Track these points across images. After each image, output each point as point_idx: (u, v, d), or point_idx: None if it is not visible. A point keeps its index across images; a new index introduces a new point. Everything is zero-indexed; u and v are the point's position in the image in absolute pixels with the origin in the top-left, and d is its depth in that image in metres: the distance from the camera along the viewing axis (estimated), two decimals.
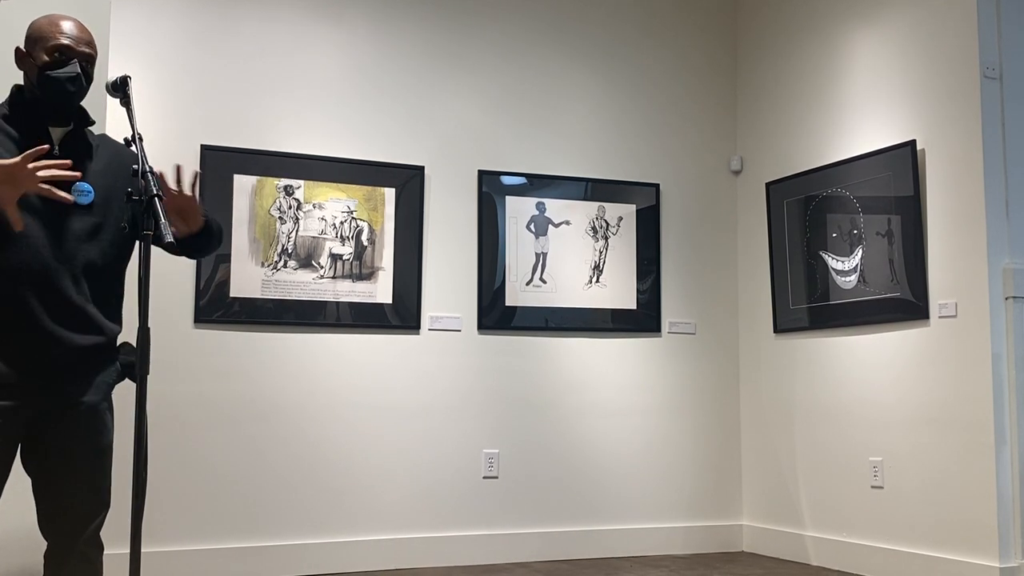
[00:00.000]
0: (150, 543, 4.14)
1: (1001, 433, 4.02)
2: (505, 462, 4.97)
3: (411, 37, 5.01)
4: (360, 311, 4.75)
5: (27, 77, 2.36)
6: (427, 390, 4.86)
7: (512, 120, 5.17)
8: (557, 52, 5.30)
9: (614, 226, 5.29)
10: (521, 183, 5.14)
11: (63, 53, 2.32)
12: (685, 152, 5.52)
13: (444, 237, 4.97)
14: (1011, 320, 4.08)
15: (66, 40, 2.33)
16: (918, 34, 4.49)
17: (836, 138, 4.93)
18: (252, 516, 4.49)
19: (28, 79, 2.35)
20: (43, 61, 2.31)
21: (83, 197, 2.35)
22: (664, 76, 5.52)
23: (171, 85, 4.54)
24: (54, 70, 2.30)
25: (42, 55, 2.31)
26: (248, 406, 4.53)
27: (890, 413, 4.50)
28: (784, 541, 5.09)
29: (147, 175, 2.26)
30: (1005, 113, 4.21)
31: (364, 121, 4.88)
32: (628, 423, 5.21)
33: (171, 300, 4.40)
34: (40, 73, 2.31)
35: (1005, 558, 3.97)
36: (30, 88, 2.35)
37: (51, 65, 2.30)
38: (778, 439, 5.20)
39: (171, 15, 4.57)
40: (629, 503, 5.17)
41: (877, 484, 4.55)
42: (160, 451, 4.20)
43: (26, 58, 2.35)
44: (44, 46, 2.32)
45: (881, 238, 4.59)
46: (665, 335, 5.35)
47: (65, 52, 2.32)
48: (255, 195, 4.61)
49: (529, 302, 5.09)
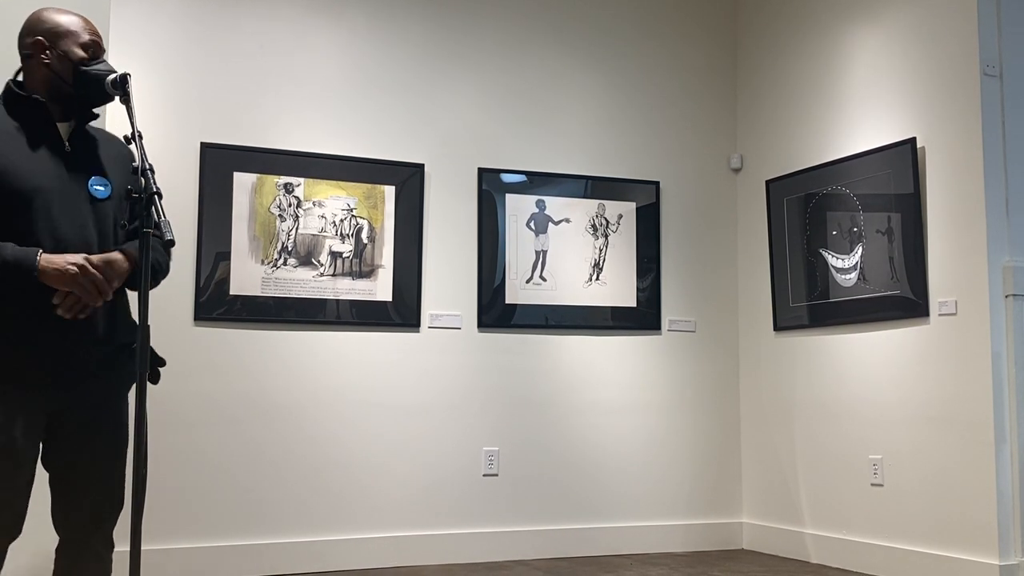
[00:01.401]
0: (150, 541, 4.14)
1: (1001, 431, 4.02)
2: (505, 460, 4.97)
3: (411, 35, 5.01)
4: (360, 309, 4.75)
5: (42, 69, 2.31)
6: (427, 388, 4.86)
7: (512, 118, 5.17)
8: (557, 50, 5.30)
9: (614, 224, 5.28)
10: (521, 181, 5.14)
11: (95, 49, 2.34)
12: (685, 150, 5.52)
13: (444, 235, 4.97)
14: (1011, 318, 4.08)
15: (96, 37, 2.36)
16: (918, 32, 4.49)
17: (836, 136, 4.93)
18: (252, 514, 4.49)
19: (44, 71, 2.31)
20: (79, 57, 2.31)
21: (102, 192, 2.35)
22: (664, 74, 5.51)
23: (171, 83, 4.54)
24: (91, 66, 2.31)
25: (77, 50, 2.31)
26: (248, 404, 4.53)
27: (890, 411, 4.50)
28: (784, 539, 5.09)
29: (146, 173, 2.25)
30: (1005, 111, 4.21)
31: (364, 119, 4.87)
32: (628, 421, 5.21)
33: (171, 298, 4.40)
34: (76, 68, 2.30)
35: (1005, 556, 3.97)
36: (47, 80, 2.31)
37: (87, 61, 2.31)
38: (778, 437, 5.20)
39: (171, 13, 4.57)
40: (629, 501, 5.17)
41: (877, 482, 4.55)
42: (160, 449, 4.19)
43: (49, 51, 2.31)
44: (77, 41, 2.32)
45: (881, 236, 4.59)
46: (665, 333, 5.35)
47: (97, 49, 2.35)
48: (255, 193, 4.61)
49: (529, 300, 5.09)
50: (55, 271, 2.15)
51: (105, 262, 2.22)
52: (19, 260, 2.14)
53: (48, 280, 2.16)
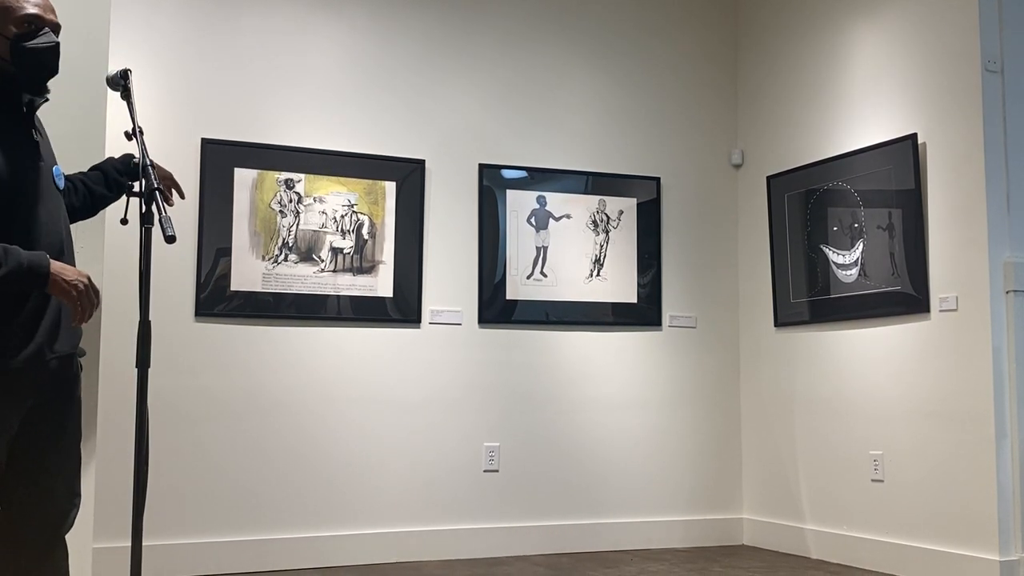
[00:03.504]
0: (150, 536, 4.14)
1: (1001, 427, 4.03)
2: (506, 455, 4.97)
3: (412, 30, 5.00)
4: (361, 305, 4.75)
5: None
6: (428, 384, 4.86)
7: (513, 114, 5.16)
8: (558, 46, 5.29)
9: (615, 220, 5.28)
10: (522, 177, 5.13)
11: (32, 23, 2.19)
12: (686, 146, 5.52)
13: (445, 231, 4.97)
14: (1012, 314, 4.08)
15: (34, 9, 2.20)
16: (919, 27, 4.48)
17: (837, 132, 4.92)
18: (253, 509, 4.50)
19: None
20: (13, 33, 2.17)
21: (60, 180, 2.31)
22: (665, 69, 5.51)
23: (172, 79, 4.53)
24: (28, 41, 2.17)
25: (10, 26, 2.17)
26: (249, 400, 4.53)
27: (890, 407, 4.50)
28: (784, 534, 5.10)
29: (147, 169, 2.25)
30: (1006, 107, 4.20)
31: (365, 115, 4.87)
32: (629, 417, 5.22)
33: (172, 294, 4.40)
34: (14, 45, 2.16)
35: (1005, 551, 3.97)
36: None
37: (24, 36, 2.17)
38: (778, 433, 5.20)
39: (172, 9, 4.57)
40: (629, 496, 5.17)
41: (877, 478, 4.55)
42: (160, 444, 4.20)
43: None
44: (12, 17, 2.17)
45: (882, 232, 4.59)
46: (666, 329, 5.36)
47: (35, 22, 2.20)
48: (256, 189, 4.61)
49: (530, 296, 5.09)
50: (64, 282, 2.09)
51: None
52: (33, 266, 2.06)
53: (54, 289, 2.10)
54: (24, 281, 2.06)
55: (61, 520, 2.25)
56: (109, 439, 3.95)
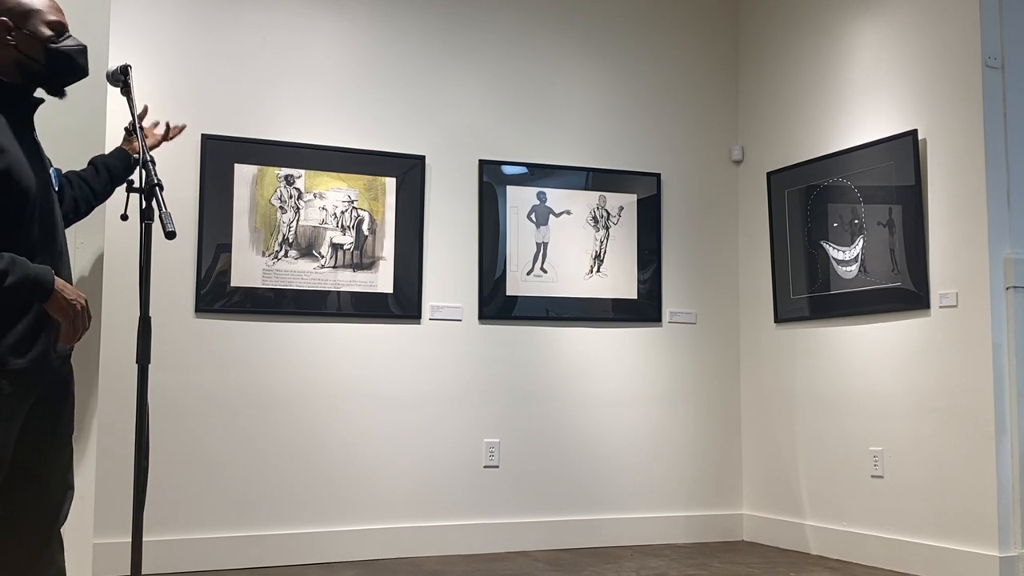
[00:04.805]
0: (150, 532, 4.15)
1: (1001, 423, 4.03)
2: (506, 451, 4.97)
3: (412, 26, 5.00)
4: (361, 301, 4.75)
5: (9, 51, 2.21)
6: (428, 380, 4.86)
7: (513, 110, 5.16)
8: (558, 42, 5.29)
9: (615, 216, 5.28)
10: (522, 173, 5.13)
11: (60, 28, 2.28)
12: (686, 142, 5.51)
13: (445, 227, 4.96)
14: (1012, 310, 4.08)
15: (60, 16, 2.30)
16: (920, 23, 4.48)
17: (837, 128, 4.92)
18: (252, 505, 4.50)
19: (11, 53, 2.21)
20: (46, 35, 2.24)
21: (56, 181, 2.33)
22: (665, 65, 5.50)
23: (172, 74, 4.53)
24: (59, 43, 2.25)
25: (43, 28, 2.24)
26: (249, 396, 4.54)
27: (890, 403, 4.51)
28: (784, 530, 5.10)
29: (147, 165, 2.25)
30: (1007, 102, 4.20)
31: (365, 110, 4.87)
32: (629, 413, 5.22)
33: (172, 289, 4.40)
34: (46, 46, 2.23)
35: (1005, 547, 3.98)
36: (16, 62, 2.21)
37: (55, 39, 2.25)
38: (778, 429, 5.21)
39: (172, 5, 4.56)
40: (630, 492, 5.18)
41: (877, 473, 4.55)
42: (160, 440, 4.20)
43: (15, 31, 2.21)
44: (43, 19, 2.25)
45: (882, 228, 4.59)
46: (666, 325, 5.36)
47: (62, 27, 2.29)
48: (256, 184, 4.61)
49: (530, 292, 5.09)
50: (64, 300, 2.11)
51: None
52: (38, 280, 2.09)
53: (53, 305, 2.11)
54: (29, 293, 2.09)
55: (56, 512, 2.27)
56: (109, 435, 3.95)
